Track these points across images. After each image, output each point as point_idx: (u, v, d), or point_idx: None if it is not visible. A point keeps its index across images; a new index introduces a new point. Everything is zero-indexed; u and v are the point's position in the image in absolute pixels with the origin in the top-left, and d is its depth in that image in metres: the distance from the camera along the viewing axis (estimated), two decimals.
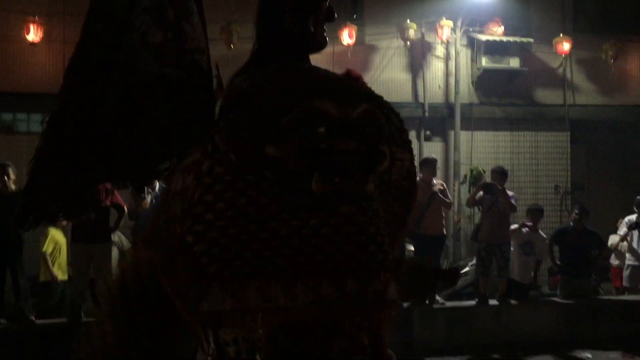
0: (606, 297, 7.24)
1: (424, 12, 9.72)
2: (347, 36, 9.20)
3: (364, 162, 1.29)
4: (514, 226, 7.16)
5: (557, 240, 7.23)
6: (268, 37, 1.46)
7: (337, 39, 9.26)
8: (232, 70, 1.47)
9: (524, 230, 7.02)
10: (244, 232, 1.20)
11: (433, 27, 9.69)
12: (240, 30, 8.72)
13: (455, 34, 9.82)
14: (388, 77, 9.98)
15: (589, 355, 6.31)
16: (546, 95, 10.45)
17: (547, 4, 10.40)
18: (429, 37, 9.90)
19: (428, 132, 10.16)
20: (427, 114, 10.00)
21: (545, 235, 7.19)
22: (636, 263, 7.39)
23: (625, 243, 7.63)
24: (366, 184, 1.28)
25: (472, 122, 10.09)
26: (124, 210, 6.15)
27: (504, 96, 10.23)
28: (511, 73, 9.98)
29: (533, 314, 6.85)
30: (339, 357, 1.29)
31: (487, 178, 9.80)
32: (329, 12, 1.48)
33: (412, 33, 9.44)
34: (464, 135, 10.12)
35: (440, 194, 6.69)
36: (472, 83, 10.20)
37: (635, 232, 7.39)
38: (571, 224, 7.26)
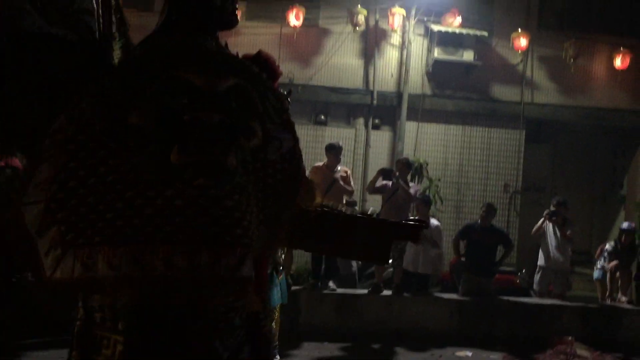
0: (505, 298, 7.12)
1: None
2: (294, 17, 9.14)
3: (226, 135, 1.28)
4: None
5: (464, 236, 7.13)
6: (174, 8, 1.46)
7: (284, 20, 9.25)
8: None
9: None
10: (101, 201, 1.22)
11: (387, 14, 9.55)
12: None
13: (408, 22, 9.68)
14: (339, 62, 9.92)
15: (469, 354, 6.25)
16: (502, 91, 10.24)
17: (511, 2, 10.15)
18: (384, 24, 9.75)
19: (377, 121, 10.07)
20: (375, 102, 9.91)
21: (438, 224, 7.07)
22: (549, 265, 7.25)
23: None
24: (226, 157, 1.27)
25: (419, 114, 9.96)
26: (19, 172, 6.28)
27: (458, 89, 10.06)
28: (465, 66, 9.80)
29: (426, 308, 6.79)
30: (204, 337, 1.28)
31: (432, 170, 9.77)
32: None
33: (361, 19, 9.35)
34: (412, 126, 10.01)
35: (341, 181, 6.65)
36: (426, 74, 10.04)
37: (552, 235, 7.23)
38: (479, 221, 7.14)
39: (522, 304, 6.97)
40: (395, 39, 9.98)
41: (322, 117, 9.96)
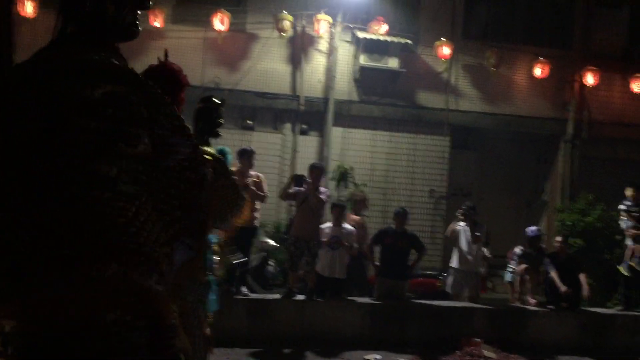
0: (417, 301, 7.25)
1: (308, 4, 9.68)
2: (219, 22, 9.11)
3: (104, 142, 1.24)
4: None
5: (377, 241, 7.22)
6: (67, 21, 1.41)
7: (209, 24, 9.21)
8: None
9: (327, 225, 6.99)
10: None
11: (313, 21, 9.62)
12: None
13: (334, 29, 9.77)
14: (266, 67, 9.94)
15: (378, 357, 6.32)
16: (428, 98, 10.44)
17: (438, 8, 10.36)
18: (311, 31, 9.82)
19: (304, 126, 10.12)
20: (302, 107, 9.96)
21: (352, 229, 7.16)
22: (460, 268, 7.41)
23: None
24: (102, 165, 1.22)
25: (346, 119, 10.07)
26: None
27: (384, 96, 10.21)
28: (391, 73, 9.95)
29: (339, 312, 6.84)
30: (97, 357, 1.21)
31: (359, 176, 9.87)
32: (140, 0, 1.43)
33: (287, 24, 9.38)
34: (339, 132, 10.10)
35: (253, 186, 6.64)
36: (353, 80, 10.15)
37: (463, 236, 7.39)
38: (392, 226, 7.25)
39: (433, 307, 7.10)
40: (323, 45, 10.07)
41: (249, 122, 9.95)
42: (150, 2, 1.49)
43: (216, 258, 3.97)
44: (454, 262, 7.50)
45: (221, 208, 3.52)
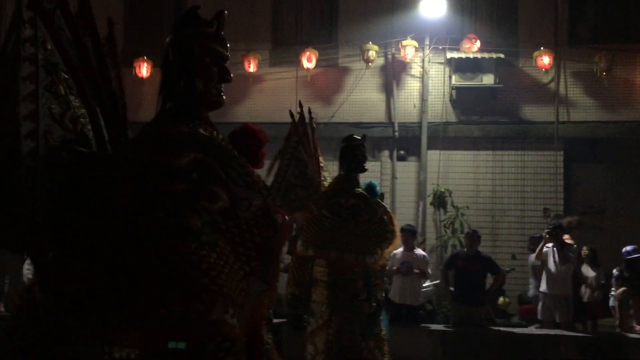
0: (495, 328, 6.78)
1: (395, 31, 9.77)
2: (306, 60, 9.57)
3: (190, 201, 1.55)
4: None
5: (450, 265, 6.97)
6: (165, 99, 1.83)
7: (298, 64, 9.70)
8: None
9: (398, 251, 6.88)
10: (99, 263, 1.53)
11: (402, 47, 9.67)
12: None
13: (423, 52, 9.72)
14: (359, 98, 10.15)
15: None
16: (533, 112, 9.84)
17: (537, 16, 9.82)
18: (400, 57, 9.87)
19: (402, 152, 10.10)
20: (397, 133, 9.97)
21: (423, 254, 6.96)
22: (549, 291, 6.84)
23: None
24: (190, 219, 1.53)
25: (444, 141, 9.85)
26: None
27: (484, 114, 9.83)
28: (487, 90, 9.59)
29: (411, 339, 6.68)
30: None
31: (462, 198, 9.59)
32: (223, 74, 1.81)
33: (372, 54, 9.53)
34: (436, 155, 9.90)
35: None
36: (449, 102, 9.95)
37: (551, 257, 6.84)
38: (465, 249, 6.94)
39: (512, 334, 6.63)
40: (415, 70, 10.04)
41: None
42: (231, 76, 1.80)
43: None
44: (543, 286, 6.94)
45: (366, 242, 3.86)
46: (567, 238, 7.10)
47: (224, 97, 1.76)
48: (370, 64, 9.65)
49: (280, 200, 4.19)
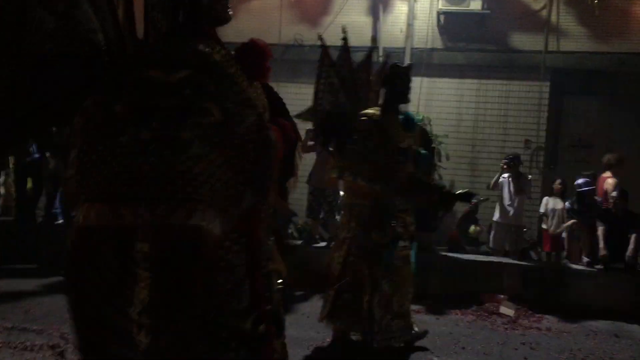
0: (444, 254, 6.92)
1: None
2: None
3: (181, 115, 1.68)
4: None
5: None
6: (174, 12, 1.83)
7: None
8: None
9: None
10: (98, 170, 1.70)
11: None
12: None
13: None
14: (346, 21, 9.86)
15: None
16: (522, 41, 9.56)
17: None
18: None
19: None
20: (381, 58, 9.80)
21: None
22: (501, 221, 6.93)
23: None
24: (180, 132, 1.66)
25: (429, 68, 9.70)
26: None
27: (472, 41, 9.60)
28: (474, 16, 9.33)
29: None
30: (208, 272, 1.68)
31: (444, 126, 9.55)
32: None
33: None
34: (423, 82, 9.78)
35: None
36: (437, 27, 9.73)
37: (506, 188, 6.88)
38: None
39: (460, 260, 6.79)
40: None
41: None
42: None
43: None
44: (496, 216, 7.02)
45: (378, 168, 3.91)
46: (608, 176, 6.86)
47: (230, 13, 1.84)
48: None
49: (319, 126, 4.19)
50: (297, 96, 5.56)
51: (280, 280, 2.02)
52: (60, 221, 7.64)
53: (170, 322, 1.65)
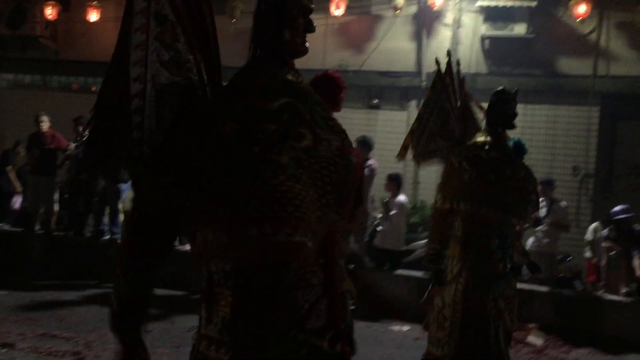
0: None
1: None
2: (334, 7, 9.63)
3: (280, 139, 1.83)
4: None
5: None
6: (256, 46, 1.98)
7: (327, 10, 9.79)
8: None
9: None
10: (211, 191, 1.75)
11: None
12: (244, 6, 9.89)
13: (453, 0, 9.47)
14: (390, 46, 10.10)
15: (405, 328, 6.27)
16: (570, 65, 9.36)
17: None
18: (431, 5, 9.66)
19: None
20: (424, 83, 9.85)
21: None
22: (536, 249, 6.76)
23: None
24: (280, 155, 1.76)
25: (474, 93, 9.58)
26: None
27: (517, 66, 9.49)
28: (519, 41, 9.23)
29: (388, 283, 6.91)
30: (288, 290, 1.75)
31: None
32: (307, 25, 1.94)
33: (400, 2, 9.42)
34: None
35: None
36: (481, 52, 9.68)
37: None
38: None
39: None
40: (448, 18, 9.81)
41: (375, 101, 10.23)
42: (315, 26, 1.99)
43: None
44: (529, 243, 6.86)
45: (506, 198, 3.69)
46: None
47: (307, 46, 1.95)
48: (398, 11, 9.55)
49: (422, 148, 4.14)
50: (343, 120, 5.66)
51: (352, 301, 2.09)
52: (107, 237, 8.05)
53: (251, 338, 1.70)
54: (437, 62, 4.25)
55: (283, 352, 1.72)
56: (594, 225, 7.58)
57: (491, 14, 9.21)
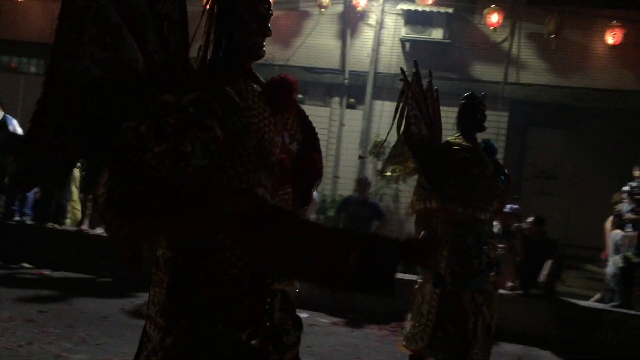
0: None
1: None
2: None
3: (184, 130, 1.92)
4: None
5: (341, 209, 7.34)
6: (215, 49, 2.08)
7: None
8: None
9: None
10: (128, 185, 1.88)
11: None
12: None
13: (377, 2, 9.81)
14: (316, 43, 10.37)
15: (304, 315, 6.52)
16: (483, 71, 9.85)
17: None
18: (355, 4, 9.97)
19: (352, 100, 10.33)
20: (346, 81, 10.19)
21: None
22: None
23: None
24: (182, 145, 1.89)
25: (393, 93, 9.97)
26: None
27: (435, 69, 9.81)
28: (438, 45, 9.64)
29: None
30: (214, 283, 1.85)
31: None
32: (262, 29, 2.06)
33: (326, 0, 9.67)
34: (386, 106, 10.08)
35: None
36: (402, 53, 10.06)
37: None
38: (356, 194, 7.29)
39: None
40: (372, 19, 10.14)
41: (300, 96, 10.47)
42: (271, 31, 2.09)
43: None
44: None
45: (477, 195, 3.82)
46: None
47: (264, 49, 2.08)
48: (323, 9, 9.81)
49: (393, 160, 4.21)
50: None
51: (287, 301, 2.07)
52: (17, 218, 8.02)
53: (176, 324, 1.82)
54: (403, 71, 4.37)
55: (203, 341, 1.82)
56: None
57: (411, 18, 9.59)
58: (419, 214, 3.93)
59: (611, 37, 8.99)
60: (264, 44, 2.07)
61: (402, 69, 4.54)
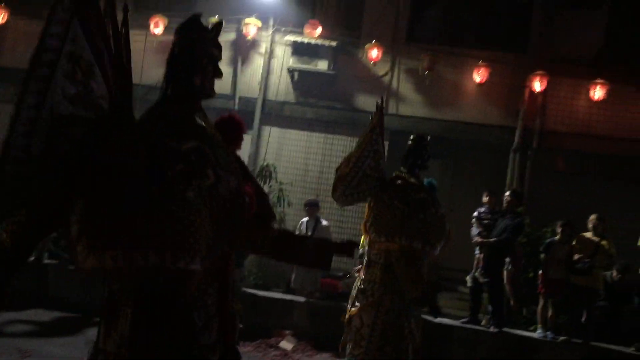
0: (246, 290, 7.46)
1: (241, 9, 10.26)
2: (153, 26, 10.00)
3: (187, 177, 2.03)
4: None
5: None
6: (168, 87, 2.19)
7: (148, 28, 10.13)
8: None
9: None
10: (110, 220, 1.91)
11: (245, 25, 10.16)
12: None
13: (266, 32, 10.24)
14: None
15: None
16: (365, 102, 10.44)
17: (381, 11, 10.38)
18: (245, 34, 10.36)
19: None
20: (236, 106, 10.51)
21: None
22: None
23: None
24: (185, 192, 1.96)
25: (281, 120, 10.44)
26: None
27: (321, 98, 10.43)
28: (324, 76, 10.17)
29: None
30: (185, 310, 1.95)
31: (292, 175, 10.23)
32: (216, 72, 2.21)
33: None
34: (275, 132, 10.51)
35: None
36: (290, 82, 10.52)
37: (304, 228, 7.51)
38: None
39: (256, 297, 7.32)
40: (262, 47, 10.56)
41: None
42: (222, 73, 2.22)
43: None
44: None
45: (433, 233, 4.15)
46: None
47: (214, 90, 2.22)
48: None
49: (351, 190, 4.35)
50: None
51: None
52: None
53: (148, 353, 1.87)
54: (378, 107, 4.68)
55: None
56: None
57: (299, 49, 10.08)
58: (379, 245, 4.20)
59: (478, 76, 9.82)
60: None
61: (378, 103, 4.85)
